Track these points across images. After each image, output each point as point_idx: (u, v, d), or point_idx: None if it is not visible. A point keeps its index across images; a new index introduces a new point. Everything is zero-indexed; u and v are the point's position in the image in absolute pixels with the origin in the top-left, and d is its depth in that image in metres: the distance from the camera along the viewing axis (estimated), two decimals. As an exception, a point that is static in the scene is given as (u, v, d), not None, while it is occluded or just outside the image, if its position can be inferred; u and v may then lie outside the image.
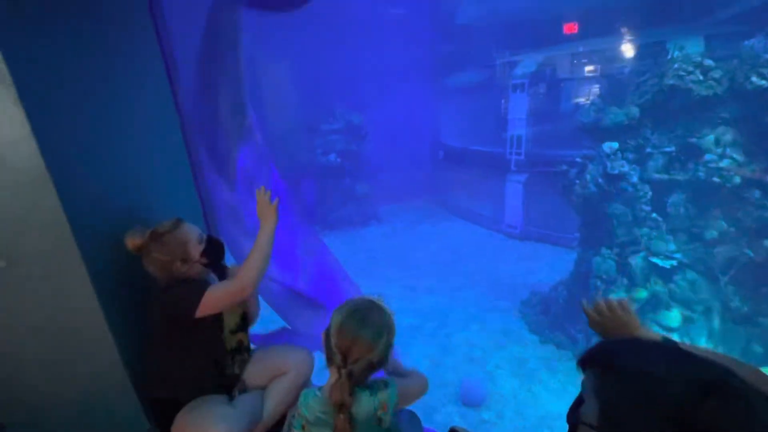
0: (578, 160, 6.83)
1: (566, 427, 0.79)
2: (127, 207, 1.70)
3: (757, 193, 5.20)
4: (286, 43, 11.95)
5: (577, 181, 6.62)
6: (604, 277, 6.09)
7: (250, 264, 1.50)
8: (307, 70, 12.62)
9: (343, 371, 1.09)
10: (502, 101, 12.13)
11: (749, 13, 8.22)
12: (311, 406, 1.14)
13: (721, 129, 5.54)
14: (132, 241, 1.48)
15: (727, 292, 5.65)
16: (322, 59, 12.56)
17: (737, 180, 5.26)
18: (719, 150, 5.35)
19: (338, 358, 1.10)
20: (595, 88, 10.98)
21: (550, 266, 8.72)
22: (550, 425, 4.90)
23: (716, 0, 9.19)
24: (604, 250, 6.20)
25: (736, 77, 5.41)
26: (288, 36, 11.81)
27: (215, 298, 1.45)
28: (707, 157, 5.35)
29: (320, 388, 1.18)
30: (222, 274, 1.68)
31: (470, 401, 5.33)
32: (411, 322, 7.03)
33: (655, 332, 1.09)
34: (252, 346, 1.79)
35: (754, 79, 5.21)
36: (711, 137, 5.43)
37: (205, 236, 1.61)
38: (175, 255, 1.48)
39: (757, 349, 5.51)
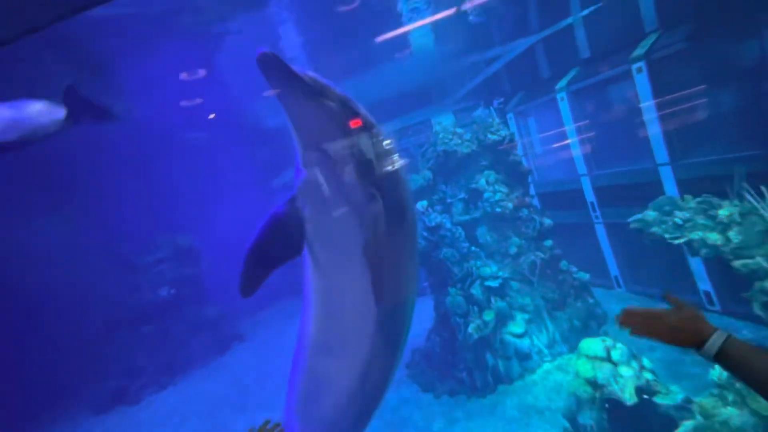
0: (403, 222, 7.87)
1: None
2: None
3: (525, 212, 6.95)
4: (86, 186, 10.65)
5: (410, 240, 7.55)
6: (459, 311, 6.88)
7: None
8: (113, 207, 11.29)
9: None
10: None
11: (473, 90, 11.71)
12: None
13: (486, 173, 7.35)
14: None
15: (541, 288, 7.13)
16: (130, 194, 11.48)
17: (510, 206, 6.95)
18: (491, 188, 7.05)
19: None
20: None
21: (418, 318, 9.30)
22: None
23: (453, 84, 12.68)
24: (450, 290, 7.07)
25: (479, 136, 7.41)
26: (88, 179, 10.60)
27: None
28: (486, 195, 6.97)
29: None
30: None
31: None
32: None
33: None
34: None
35: (490, 136, 7.23)
36: (482, 181, 7.14)
37: None
38: None
39: (576, 323, 7.01)
